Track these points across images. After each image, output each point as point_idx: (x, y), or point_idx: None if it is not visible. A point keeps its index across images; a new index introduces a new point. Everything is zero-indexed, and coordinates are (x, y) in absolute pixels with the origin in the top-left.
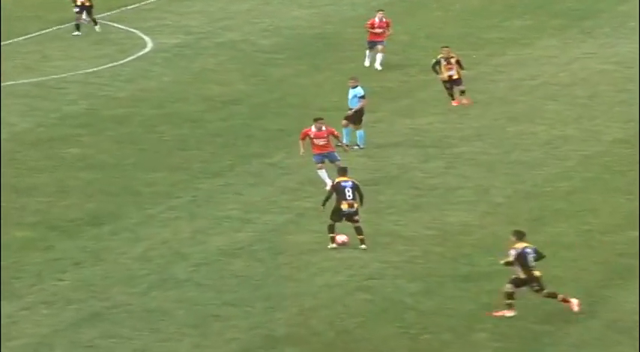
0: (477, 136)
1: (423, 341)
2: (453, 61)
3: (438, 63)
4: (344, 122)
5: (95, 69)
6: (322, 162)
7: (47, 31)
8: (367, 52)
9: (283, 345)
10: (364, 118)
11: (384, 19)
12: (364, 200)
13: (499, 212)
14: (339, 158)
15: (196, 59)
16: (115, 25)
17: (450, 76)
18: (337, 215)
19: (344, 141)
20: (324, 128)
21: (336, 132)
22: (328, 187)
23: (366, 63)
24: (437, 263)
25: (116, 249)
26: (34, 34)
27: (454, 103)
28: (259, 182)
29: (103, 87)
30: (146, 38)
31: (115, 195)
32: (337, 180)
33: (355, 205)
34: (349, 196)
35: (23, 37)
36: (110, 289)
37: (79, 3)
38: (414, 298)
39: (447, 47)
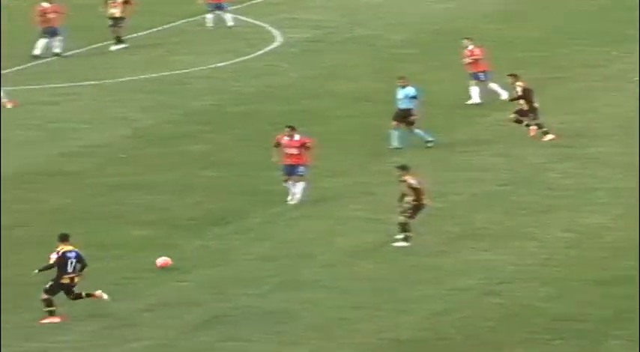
0: (612, 136)
1: (554, 347)
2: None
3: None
4: (394, 123)
5: (221, 64)
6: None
7: (173, 24)
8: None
9: (410, 350)
10: (414, 118)
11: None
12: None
13: (635, 214)
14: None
15: (326, 54)
16: (243, 18)
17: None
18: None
19: (394, 143)
20: (296, 137)
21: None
22: None
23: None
24: (570, 266)
25: (240, 249)
26: (159, 28)
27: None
28: (388, 181)
29: (230, 82)
30: (275, 32)
31: (240, 194)
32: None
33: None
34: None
35: (148, 31)
36: (233, 290)
37: None
38: (546, 302)
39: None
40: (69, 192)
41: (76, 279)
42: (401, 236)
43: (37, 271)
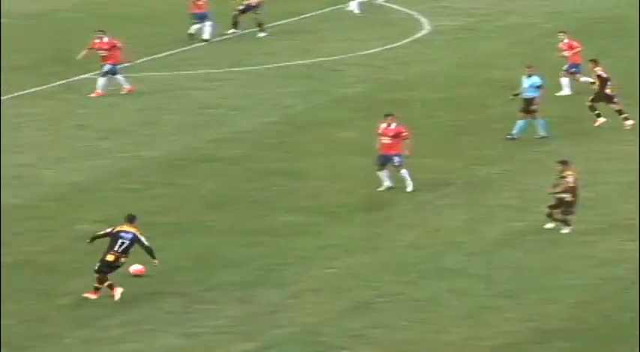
0: None
1: None
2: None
3: None
4: (520, 114)
5: (372, 51)
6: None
7: (324, 11)
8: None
9: (556, 339)
10: (537, 107)
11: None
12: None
13: None
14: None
15: (477, 42)
16: (394, 6)
17: None
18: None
19: (516, 133)
20: (393, 126)
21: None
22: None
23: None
24: None
25: (387, 236)
26: (310, 14)
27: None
28: (537, 170)
29: (380, 70)
30: (424, 20)
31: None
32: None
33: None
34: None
35: (298, 17)
36: (380, 277)
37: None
38: None
39: None
40: (218, 177)
41: (121, 259)
42: (552, 225)
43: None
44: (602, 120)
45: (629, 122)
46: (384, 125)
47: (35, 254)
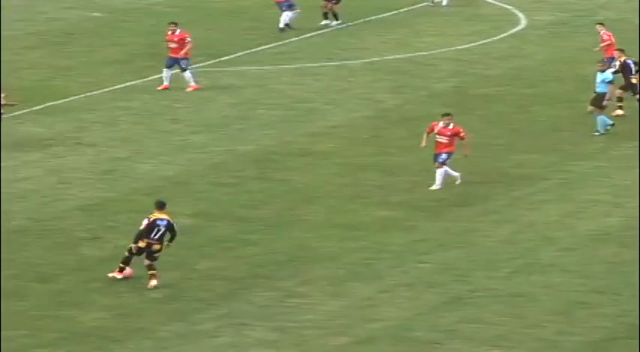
0: None
1: None
2: None
3: None
4: (590, 108)
5: (466, 46)
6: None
7: (418, 6)
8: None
9: None
10: (607, 103)
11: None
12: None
13: None
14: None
15: (572, 38)
16: (489, 0)
17: None
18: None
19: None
20: (451, 126)
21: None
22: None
23: None
24: None
25: (481, 231)
26: (404, 9)
27: None
28: (631, 165)
29: (474, 64)
30: (520, 15)
31: (483, 176)
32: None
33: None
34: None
35: (393, 12)
36: (473, 272)
37: None
38: None
39: None
40: (312, 172)
41: (154, 246)
42: None
43: (132, 244)
44: (619, 112)
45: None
46: (441, 124)
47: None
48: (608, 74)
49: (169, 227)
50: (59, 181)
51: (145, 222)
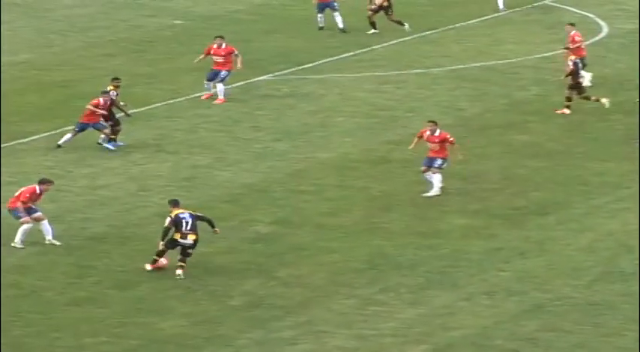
0: None
1: None
2: None
3: None
4: None
5: (548, 54)
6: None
7: (502, 14)
8: None
9: None
10: None
11: None
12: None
13: None
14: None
15: None
16: (570, 9)
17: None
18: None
19: None
20: (437, 133)
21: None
22: None
23: None
24: None
25: (561, 239)
26: (487, 17)
27: None
28: None
29: (556, 72)
30: (602, 23)
31: (563, 185)
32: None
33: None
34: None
35: (474, 20)
36: (553, 281)
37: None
38: None
39: None
40: (392, 179)
41: (189, 236)
42: None
43: (161, 242)
44: (567, 111)
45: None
46: (428, 132)
47: (208, 255)
48: None
49: (195, 217)
50: (140, 188)
51: (168, 219)
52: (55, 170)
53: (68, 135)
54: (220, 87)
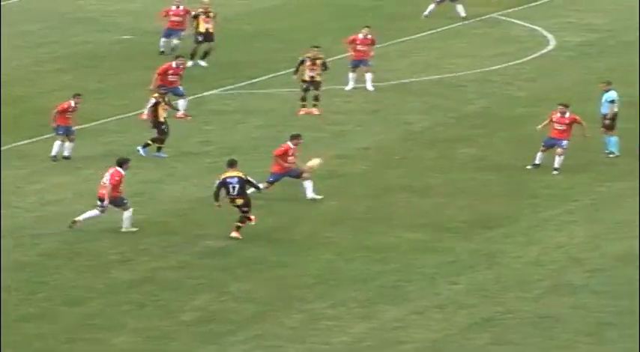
0: None
1: None
2: (318, 62)
3: (302, 62)
4: (602, 130)
5: (495, 67)
6: None
7: (449, 27)
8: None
9: None
10: (609, 123)
11: (369, 36)
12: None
13: None
14: None
15: (600, 58)
16: (519, 22)
17: (312, 78)
18: None
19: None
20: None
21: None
22: None
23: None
24: None
25: (510, 252)
26: (436, 31)
27: (301, 112)
28: None
29: (503, 86)
30: (549, 36)
31: (510, 198)
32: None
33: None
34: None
35: (424, 33)
36: (503, 294)
37: None
38: None
39: (317, 47)
40: (342, 194)
41: (237, 200)
42: None
43: (216, 203)
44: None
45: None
46: (558, 114)
47: (159, 270)
48: (611, 94)
49: (243, 181)
50: (89, 204)
51: (217, 182)
52: (4, 186)
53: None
54: (182, 102)
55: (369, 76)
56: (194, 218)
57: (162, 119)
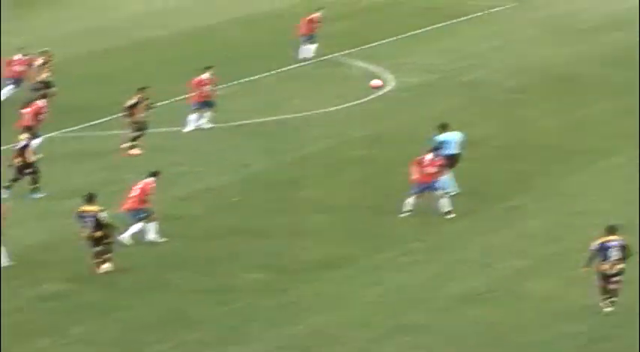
0: None
1: None
2: (145, 104)
3: (134, 104)
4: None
5: (335, 108)
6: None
7: (286, 68)
8: None
9: None
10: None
11: (209, 78)
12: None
13: None
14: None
15: (439, 99)
16: (356, 62)
17: (139, 119)
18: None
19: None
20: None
21: None
22: None
23: None
24: None
25: (351, 293)
26: (272, 72)
27: (130, 152)
28: (500, 226)
29: (342, 127)
30: (389, 76)
31: (351, 238)
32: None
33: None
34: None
35: (262, 75)
36: (345, 335)
37: None
38: None
39: (143, 89)
40: (181, 236)
41: (96, 234)
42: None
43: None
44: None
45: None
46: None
47: None
48: (450, 135)
49: (95, 218)
50: None
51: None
52: None
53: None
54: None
55: (208, 117)
56: (32, 261)
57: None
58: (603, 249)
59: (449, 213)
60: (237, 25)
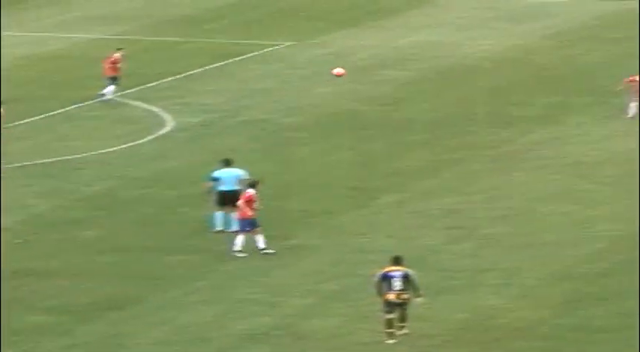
0: (506, 217)
1: None
2: None
3: None
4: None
5: (113, 149)
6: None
7: (66, 109)
8: None
9: None
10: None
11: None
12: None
13: (530, 295)
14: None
15: (217, 138)
16: (134, 103)
17: None
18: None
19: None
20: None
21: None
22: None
23: None
24: (466, 348)
25: (137, 333)
26: (52, 113)
27: None
28: (281, 264)
29: (122, 167)
30: (166, 117)
31: (135, 279)
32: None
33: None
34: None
35: (41, 116)
36: None
37: None
38: None
39: None
40: None
41: None
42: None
43: None
44: None
45: None
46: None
47: None
48: (221, 171)
49: None
50: None
51: None
52: None
53: None
54: None
55: None
56: None
57: None
58: (386, 278)
59: (240, 251)
60: (21, 65)
